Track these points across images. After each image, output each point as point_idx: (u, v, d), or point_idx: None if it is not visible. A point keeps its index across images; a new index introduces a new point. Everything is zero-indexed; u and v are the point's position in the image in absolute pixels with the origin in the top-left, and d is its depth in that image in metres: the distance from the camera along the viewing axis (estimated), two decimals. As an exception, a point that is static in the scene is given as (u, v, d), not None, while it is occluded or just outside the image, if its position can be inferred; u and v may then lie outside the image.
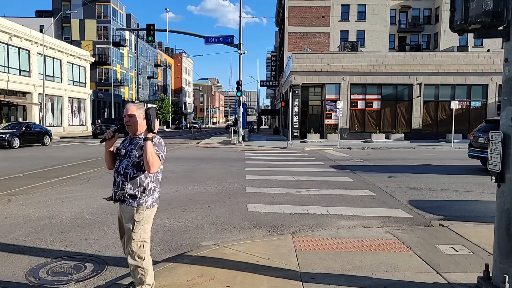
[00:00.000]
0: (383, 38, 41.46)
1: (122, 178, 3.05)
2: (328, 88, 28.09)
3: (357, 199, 7.69)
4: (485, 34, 3.19)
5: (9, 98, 31.87)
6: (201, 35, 25.36)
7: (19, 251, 4.64)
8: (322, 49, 39.19)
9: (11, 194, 8.05)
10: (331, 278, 3.71)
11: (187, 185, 9.17)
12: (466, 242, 4.78)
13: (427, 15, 46.80)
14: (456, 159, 15.55)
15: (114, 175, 3.13)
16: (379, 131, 27.37)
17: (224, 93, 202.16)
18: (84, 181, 9.82)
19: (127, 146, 3.13)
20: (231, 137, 26.69)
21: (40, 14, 56.17)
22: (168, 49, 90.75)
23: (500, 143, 3.10)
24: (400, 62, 27.52)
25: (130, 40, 62.40)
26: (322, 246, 4.67)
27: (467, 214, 6.53)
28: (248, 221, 6.04)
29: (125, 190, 3.05)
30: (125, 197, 3.06)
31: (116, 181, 3.10)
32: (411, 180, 10.09)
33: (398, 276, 3.76)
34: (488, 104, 27.62)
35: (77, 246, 4.83)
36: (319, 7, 40.97)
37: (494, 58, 26.98)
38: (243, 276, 3.71)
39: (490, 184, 3.53)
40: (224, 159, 15.35)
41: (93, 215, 6.38)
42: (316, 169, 12.49)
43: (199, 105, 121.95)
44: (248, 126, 40.57)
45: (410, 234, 5.12)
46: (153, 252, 4.67)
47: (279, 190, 8.63)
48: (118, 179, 3.08)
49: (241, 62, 25.69)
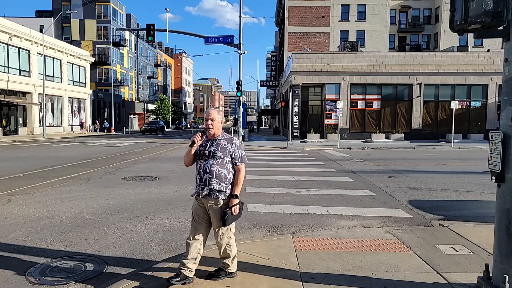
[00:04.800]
0: (383, 38, 41.46)
1: (209, 175, 3.46)
2: (328, 88, 28.09)
3: (357, 199, 7.69)
4: (485, 34, 3.19)
5: (9, 98, 31.87)
6: (201, 35, 25.37)
7: (19, 251, 4.64)
8: (322, 49, 39.19)
9: (11, 194, 8.05)
10: (331, 278, 3.71)
11: (187, 185, 9.17)
12: (466, 242, 4.78)
13: (427, 15, 46.78)
14: (456, 159, 15.55)
15: (200, 173, 3.54)
16: (379, 131, 27.37)
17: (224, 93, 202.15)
18: (84, 181, 9.82)
19: (208, 148, 3.54)
20: (231, 137, 26.65)
21: (40, 14, 56.16)
22: (168, 49, 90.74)
23: (500, 143, 3.09)
24: (400, 62, 27.53)
25: (130, 40, 62.40)
26: (322, 246, 4.67)
27: (467, 214, 6.53)
28: (248, 221, 6.03)
29: (212, 185, 3.46)
30: (211, 191, 3.47)
31: (203, 178, 3.50)
32: (411, 180, 10.09)
33: (398, 276, 3.76)
34: (488, 104, 27.63)
35: (77, 246, 4.82)
36: (319, 7, 40.97)
37: (494, 58, 26.99)
38: (243, 276, 3.71)
39: (490, 184, 3.53)
40: (224, 159, 15.32)
41: (93, 215, 6.38)
42: (316, 169, 12.49)
43: (199, 105, 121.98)
44: (248, 126, 40.56)
45: (410, 234, 5.12)
46: (153, 252, 4.68)
47: (279, 190, 8.63)
48: (204, 176, 3.49)
49: (241, 62, 25.72)
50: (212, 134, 3.55)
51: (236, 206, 3.52)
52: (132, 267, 4.15)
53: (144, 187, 9.06)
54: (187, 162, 3.68)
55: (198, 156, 3.59)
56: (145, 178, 10.28)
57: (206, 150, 3.53)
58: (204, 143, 3.59)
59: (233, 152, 3.54)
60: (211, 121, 3.51)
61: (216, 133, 3.55)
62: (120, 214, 6.43)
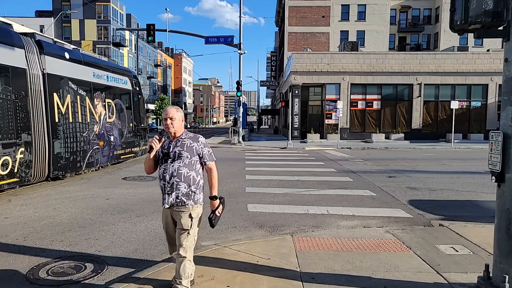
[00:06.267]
0: (383, 38, 41.45)
1: (176, 179, 3.16)
2: (328, 88, 28.09)
3: (357, 199, 7.69)
4: (485, 34, 3.19)
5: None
6: (201, 35, 25.36)
7: (19, 251, 4.64)
8: (322, 49, 39.17)
9: (11, 194, 8.05)
10: (331, 278, 3.71)
11: (187, 185, 9.17)
12: (466, 242, 4.78)
13: (427, 15, 46.75)
14: (456, 159, 15.55)
15: (165, 178, 3.20)
16: (379, 131, 27.36)
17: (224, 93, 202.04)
18: (84, 181, 9.82)
19: (173, 149, 3.23)
20: (231, 137, 26.72)
21: (40, 14, 56.16)
22: (168, 49, 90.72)
23: (500, 143, 3.10)
24: (400, 62, 27.51)
25: (130, 40, 62.40)
26: (322, 246, 4.67)
27: (467, 214, 6.52)
28: (248, 221, 6.04)
29: (180, 190, 3.16)
30: (179, 197, 3.17)
31: (170, 182, 3.17)
32: (411, 180, 10.09)
33: (398, 276, 3.76)
34: (488, 104, 27.62)
35: (77, 246, 4.83)
36: (319, 7, 40.95)
37: (494, 58, 26.97)
38: (243, 276, 3.71)
39: (490, 184, 3.53)
40: (224, 159, 15.34)
41: (93, 215, 6.38)
42: (316, 169, 12.49)
43: (199, 105, 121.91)
44: (248, 126, 40.57)
45: (410, 234, 5.12)
46: (153, 252, 4.68)
47: (279, 190, 8.63)
48: (171, 180, 3.16)
49: (241, 62, 25.72)
50: (173, 133, 3.26)
51: (219, 208, 3.33)
52: (132, 267, 4.15)
53: (144, 187, 9.06)
54: (148, 169, 3.37)
55: (161, 160, 3.28)
56: (145, 178, 10.28)
57: (170, 152, 3.23)
58: (167, 145, 3.28)
59: (201, 151, 3.28)
60: (170, 120, 3.22)
61: (178, 132, 3.27)
62: (120, 214, 6.44)
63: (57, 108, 9.40)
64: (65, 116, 9.75)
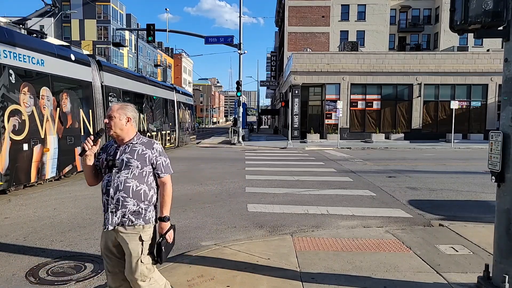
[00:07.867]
0: (383, 38, 41.45)
1: (123, 194, 2.54)
2: (328, 88, 28.08)
3: (357, 199, 7.69)
4: (485, 34, 3.19)
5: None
6: (201, 35, 25.35)
7: (19, 251, 4.64)
8: (322, 49, 39.16)
9: (11, 194, 8.05)
10: (331, 278, 3.71)
11: (187, 185, 9.17)
12: (466, 242, 4.78)
13: (427, 15, 46.75)
14: (456, 159, 15.54)
15: (108, 192, 2.56)
16: (379, 131, 27.36)
17: (224, 93, 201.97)
18: (84, 181, 9.79)
19: (120, 156, 2.59)
20: (231, 137, 26.71)
21: (40, 14, 56.14)
22: (168, 49, 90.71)
23: (500, 143, 3.10)
24: (400, 62, 27.51)
25: (130, 40, 62.39)
26: (322, 246, 4.67)
27: (467, 214, 6.52)
28: (248, 221, 6.04)
29: (127, 208, 2.55)
30: (126, 216, 2.55)
31: (114, 198, 2.54)
32: (411, 180, 10.09)
33: (398, 276, 3.76)
34: (488, 104, 27.62)
35: (77, 246, 4.83)
36: (319, 7, 40.95)
37: (494, 58, 26.97)
38: (243, 276, 3.71)
39: (490, 184, 3.53)
40: (224, 159, 15.35)
41: (93, 215, 6.38)
42: (316, 169, 12.49)
43: (199, 105, 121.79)
44: (248, 126, 40.56)
45: (410, 234, 5.12)
46: (153, 252, 4.67)
47: (279, 190, 8.63)
48: (116, 195, 2.54)
49: (241, 62, 25.71)
50: (115, 137, 2.63)
51: (170, 232, 2.69)
52: (132, 267, 4.14)
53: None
54: (90, 180, 2.75)
55: (105, 168, 2.63)
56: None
57: (116, 160, 2.58)
58: (113, 151, 2.63)
59: (154, 160, 2.65)
60: (109, 119, 2.59)
61: (124, 135, 2.62)
62: (120, 214, 6.43)
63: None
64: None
